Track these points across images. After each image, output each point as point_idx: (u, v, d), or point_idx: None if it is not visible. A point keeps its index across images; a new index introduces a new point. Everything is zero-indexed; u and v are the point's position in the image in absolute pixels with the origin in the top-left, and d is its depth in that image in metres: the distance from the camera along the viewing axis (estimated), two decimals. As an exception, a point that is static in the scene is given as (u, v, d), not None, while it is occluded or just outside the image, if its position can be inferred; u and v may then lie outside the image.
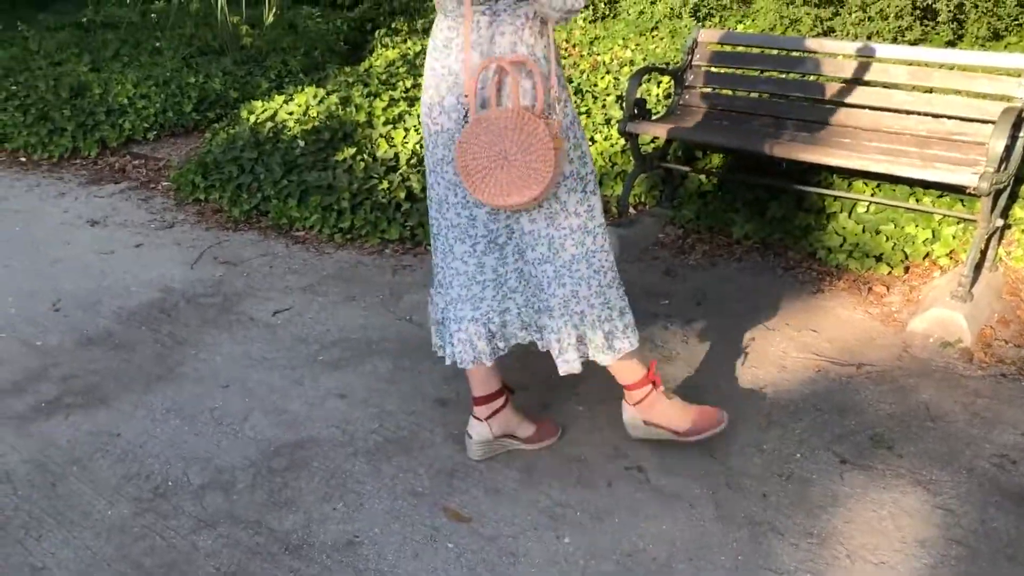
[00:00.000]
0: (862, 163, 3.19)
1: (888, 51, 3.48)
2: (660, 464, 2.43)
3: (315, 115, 4.98)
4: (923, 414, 2.62)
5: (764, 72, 3.96)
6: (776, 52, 3.91)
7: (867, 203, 3.66)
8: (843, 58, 3.62)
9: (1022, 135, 3.09)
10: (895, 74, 3.48)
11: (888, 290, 3.38)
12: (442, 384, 2.89)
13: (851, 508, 2.25)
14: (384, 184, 4.20)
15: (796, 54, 3.81)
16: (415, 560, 2.13)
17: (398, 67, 6.08)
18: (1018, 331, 3.04)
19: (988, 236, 3.24)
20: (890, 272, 3.47)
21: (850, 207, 3.70)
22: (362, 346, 3.16)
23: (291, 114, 5.05)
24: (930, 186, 3.62)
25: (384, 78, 5.72)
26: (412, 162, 4.37)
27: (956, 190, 3.48)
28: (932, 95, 3.38)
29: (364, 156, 4.45)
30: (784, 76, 3.85)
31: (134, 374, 3.03)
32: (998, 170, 2.95)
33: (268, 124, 4.92)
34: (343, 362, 3.06)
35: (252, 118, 5.08)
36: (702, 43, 3.96)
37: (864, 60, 3.57)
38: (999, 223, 3.22)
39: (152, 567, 2.14)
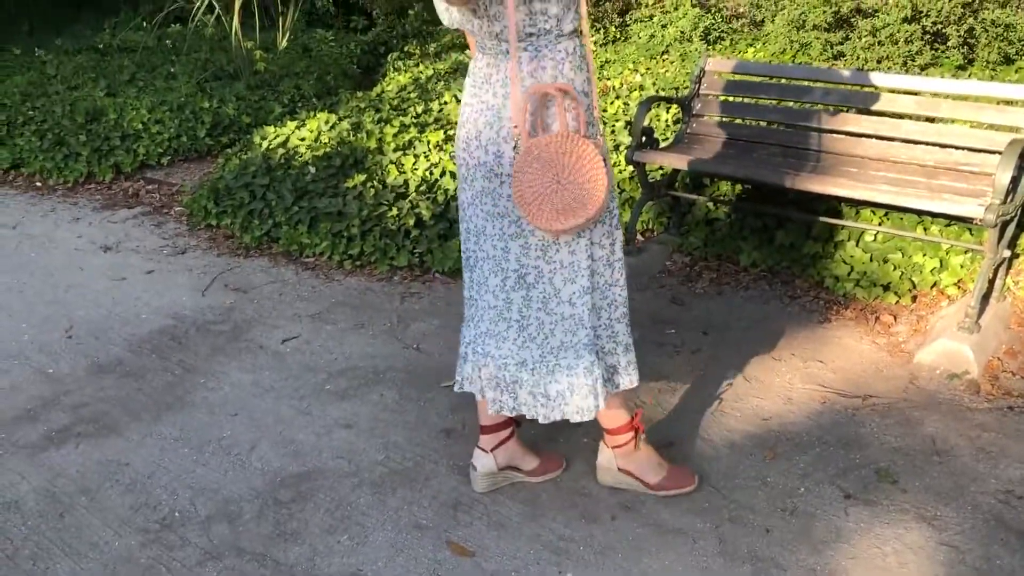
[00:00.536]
0: (869, 194, 3.20)
1: (896, 81, 3.49)
2: (663, 498, 2.43)
3: (326, 141, 5.03)
4: (929, 448, 2.62)
5: (771, 100, 3.97)
6: (783, 81, 3.92)
7: (875, 232, 3.66)
8: (850, 87, 3.62)
9: (1029, 166, 3.09)
10: (903, 104, 3.48)
11: (895, 320, 3.38)
12: (448, 414, 2.91)
13: (855, 544, 2.24)
14: (393, 211, 4.23)
15: (804, 83, 3.82)
16: (418, 595, 2.14)
17: (409, 92, 6.13)
18: (1026, 363, 3.03)
19: (995, 266, 3.23)
20: (898, 301, 3.47)
21: (858, 235, 3.70)
22: (369, 375, 3.18)
23: (303, 140, 5.10)
24: (938, 215, 3.61)
25: (396, 103, 5.77)
26: (421, 189, 4.41)
27: (964, 220, 3.48)
28: (940, 125, 3.39)
29: (374, 183, 4.48)
30: (791, 105, 3.87)
31: (144, 402, 3.06)
32: (1004, 201, 2.95)
33: (280, 150, 4.97)
34: (350, 391, 3.08)
35: (264, 144, 5.14)
36: (709, 72, 3.98)
37: (871, 90, 3.58)
38: (1006, 254, 3.22)
39: (157, 600, 2.16)
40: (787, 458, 2.60)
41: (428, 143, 4.89)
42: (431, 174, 4.56)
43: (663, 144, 4.10)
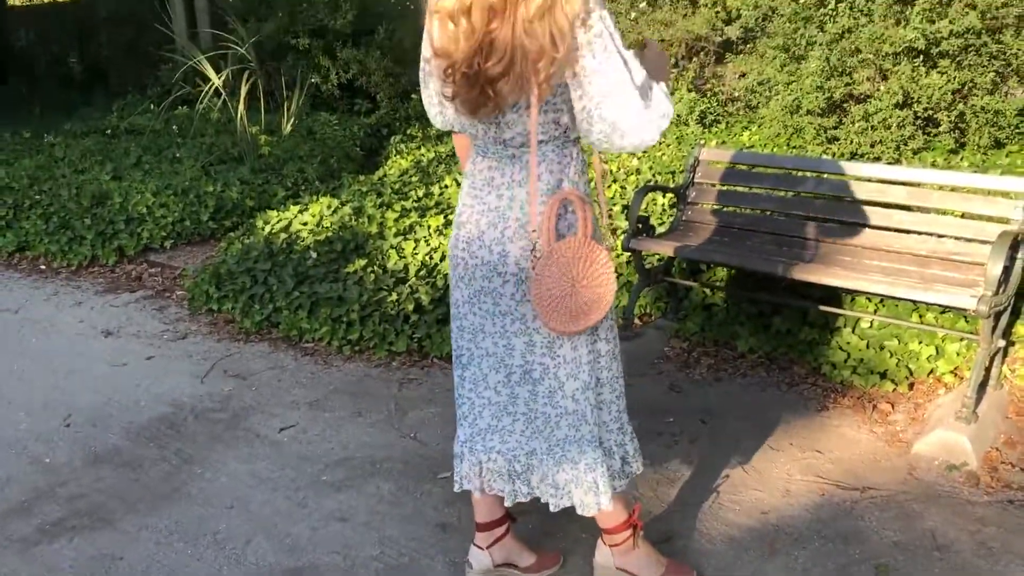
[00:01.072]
0: (863, 284, 3.23)
1: (886, 172, 3.56)
2: (662, 596, 2.41)
3: (328, 225, 5.10)
4: (929, 543, 2.59)
5: (765, 189, 4.03)
6: (776, 170, 3.99)
7: (871, 319, 3.68)
8: (843, 177, 3.69)
9: (1020, 256, 3.13)
10: (894, 194, 3.54)
11: (893, 408, 3.38)
12: (444, 507, 2.89)
13: (855, 646, 2.21)
14: (393, 296, 4.27)
15: (796, 172, 3.89)
16: None
17: (411, 176, 6.23)
18: (1025, 453, 3.02)
19: (991, 355, 3.24)
20: (895, 389, 3.47)
21: (854, 322, 3.72)
22: (366, 465, 3.18)
23: (305, 224, 5.17)
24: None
25: (397, 187, 5.87)
26: (421, 274, 4.45)
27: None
28: (931, 215, 3.44)
29: (374, 267, 4.53)
30: (784, 194, 3.93)
31: (140, 494, 3.05)
32: (996, 293, 2.98)
33: (282, 235, 5.04)
34: (347, 483, 3.07)
35: (267, 228, 5.21)
36: (704, 161, 4.05)
37: (863, 180, 3.64)
38: (1001, 343, 3.24)
39: None
40: (786, 553, 2.58)
41: (428, 227, 4.96)
42: (431, 259, 4.61)
43: (659, 231, 4.16)
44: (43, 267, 5.44)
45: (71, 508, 2.97)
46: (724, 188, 4.12)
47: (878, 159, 5.61)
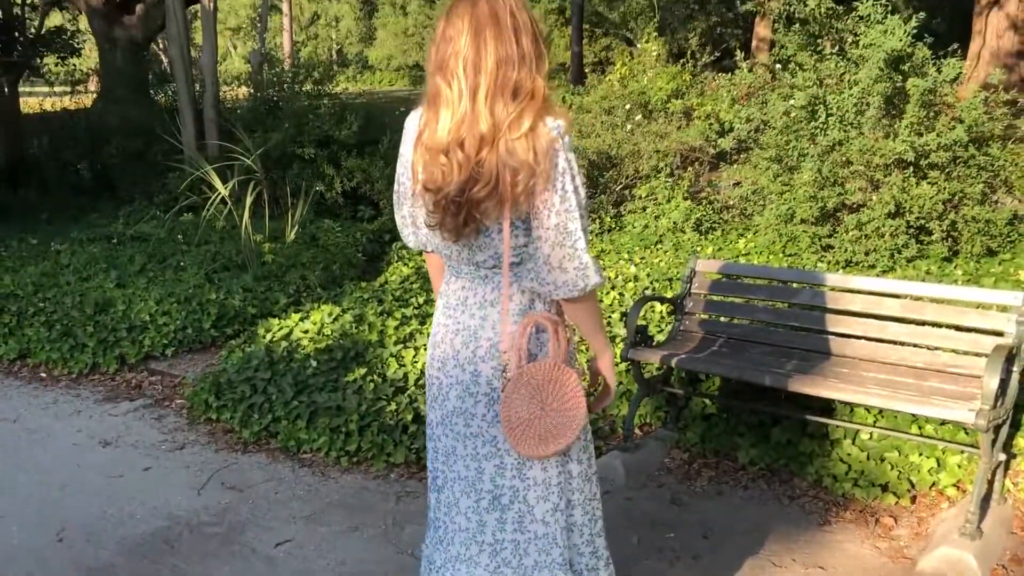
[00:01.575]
0: (860, 397, 3.24)
1: (879, 284, 3.61)
2: None
3: (329, 333, 5.13)
4: (937, 667, 2.53)
5: (761, 301, 4.08)
6: (772, 282, 4.05)
7: (870, 430, 3.67)
8: (836, 289, 3.74)
9: (1016, 369, 3.15)
10: (888, 306, 3.58)
11: (896, 522, 3.34)
12: (442, 628, 2.83)
13: None
14: (392, 406, 4.27)
15: (792, 284, 3.94)
16: None
17: (412, 282, 6.30)
18: (1031, 570, 2.97)
19: (993, 469, 3.23)
20: (897, 502, 3.44)
21: (853, 433, 3.72)
22: (363, 583, 3.13)
23: (306, 332, 5.21)
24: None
25: (398, 294, 5.92)
26: (421, 383, 4.46)
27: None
28: (925, 327, 3.48)
29: (374, 376, 4.54)
30: (780, 305, 3.98)
31: (131, 613, 2.99)
32: (994, 406, 2.98)
33: (283, 343, 5.07)
34: (343, 601, 3.02)
35: (268, 336, 5.24)
36: (700, 272, 4.11)
37: (857, 292, 3.69)
38: (1001, 457, 3.22)
39: None
40: None
41: (428, 335, 4.99)
42: (430, 368, 4.62)
43: (657, 340, 4.19)
44: (43, 375, 5.45)
45: (61, 628, 2.92)
46: (721, 299, 4.16)
47: (873, 267, 5.68)
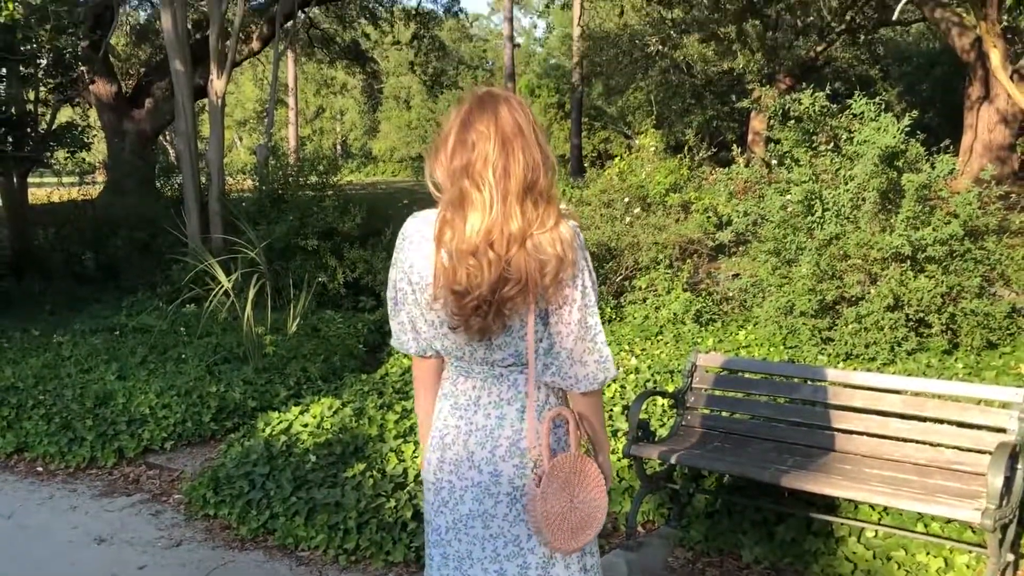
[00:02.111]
0: (864, 495, 3.21)
1: (880, 380, 3.62)
2: None
3: (329, 427, 5.11)
4: None
5: (763, 396, 4.08)
6: (774, 377, 4.05)
7: (875, 528, 3.63)
8: (837, 385, 3.74)
9: (1020, 467, 3.13)
10: (890, 402, 3.58)
11: (906, 625, 3.27)
12: None
13: None
14: (391, 502, 4.22)
15: (793, 379, 3.95)
16: None
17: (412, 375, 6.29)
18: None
19: (1002, 570, 3.18)
20: (906, 604, 3.38)
21: (858, 531, 3.67)
22: None
23: (305, 426, 5.18)
24: (937, 512, 3.60)
25: (399, 386, 5.91)
26: (421, 479, 4.42)
27: (963, 517, 3.46)
28: (927, 424, 3.47)
29: (373, 472, 4.51)
30: (782, 400, 3.97)
31: None
32: (1000, 505, 2.96)
33: (282, 437, 5.04)
34: None
35: (267, 430, 5.21)
36: (701, 366, 4.12)
37: (858, 388, 3.69)
38: (1010, 558, 3.18)
39: None
40: None
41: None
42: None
43: (659, 434, 4.17)
44: (40, 469, 5.41)
45: None
46: (722, 393, 4.16)
47: (873, 360, 5.69)
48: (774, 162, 6.86)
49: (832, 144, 6.44)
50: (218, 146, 10.05)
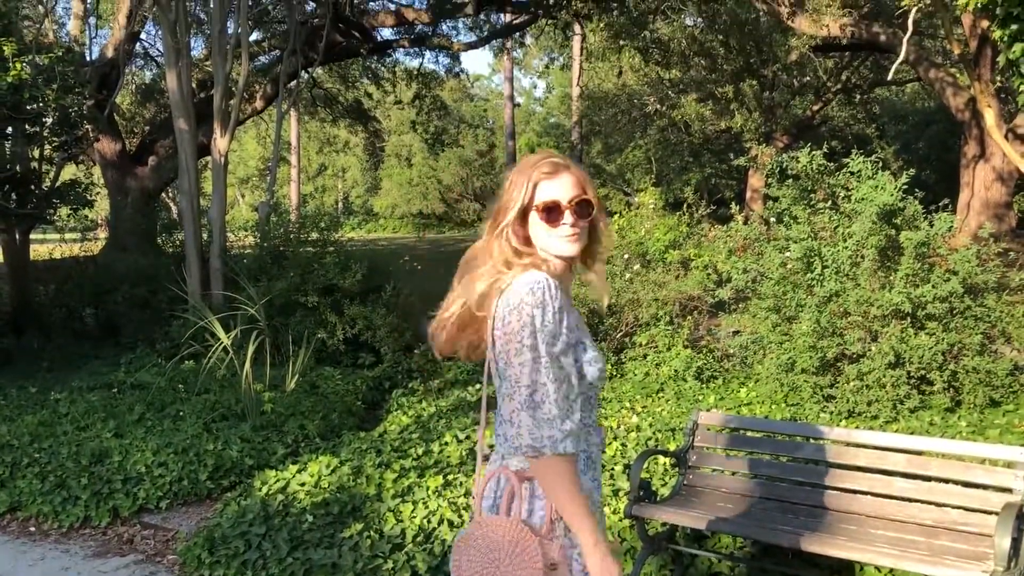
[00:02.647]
0: (869, 556, 3.17)
1: (884, 439, 3.58)
2: None
3: (326, 486, 5.05)
4: None
5: (765, 455, 4.03)
6: (775, 435, 4.01)
7: (882, 591, 3.57)
8: (841, 444, 3.70)
9: (1028, 528, 3.08)
10: (894, 460, 3.54)
11: None
12: None
13: None
14: (389, 564, 4.15)
15: (796, 438, 3.91)
16: None
17: (411, 432, 6.25)
18: None
19: (1012, 634, 3.11)
20: (915, 670, 3.29)
21: (865, 594, 3.60)
22: None
23: (303, 485, 5.12)
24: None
25: (397, 444, 5.86)
26: (418, 539, 4.36)
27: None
28: (932, 483, 3.42)
29: (371, 532, 4.44)
30: (784, 460, 3.93)
31: None
32: (1008, 567, 2.90)
33: (279, 496, 4.98)
34: None
35: (264, 489, 5.15)
36: (702, 425, 4.09)
37: (861, 447, 3.66)
38: (1021, 621, 3.11)
39: None
40: None
41: (427, 488, 4.91)
42: (429, 522, 4.53)
43: (661, 496, 4.12)
44: (33, 528, 5.33)
45: None
46: (724, 452, 4.12)
47: (875, 418, 5.65)
48: (773, 219, 6.89)
49: (830, 202, 6.48)
50: (220, 203, 10.11)
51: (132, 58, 17.14)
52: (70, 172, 14.32)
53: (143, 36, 17.53)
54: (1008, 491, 3.20)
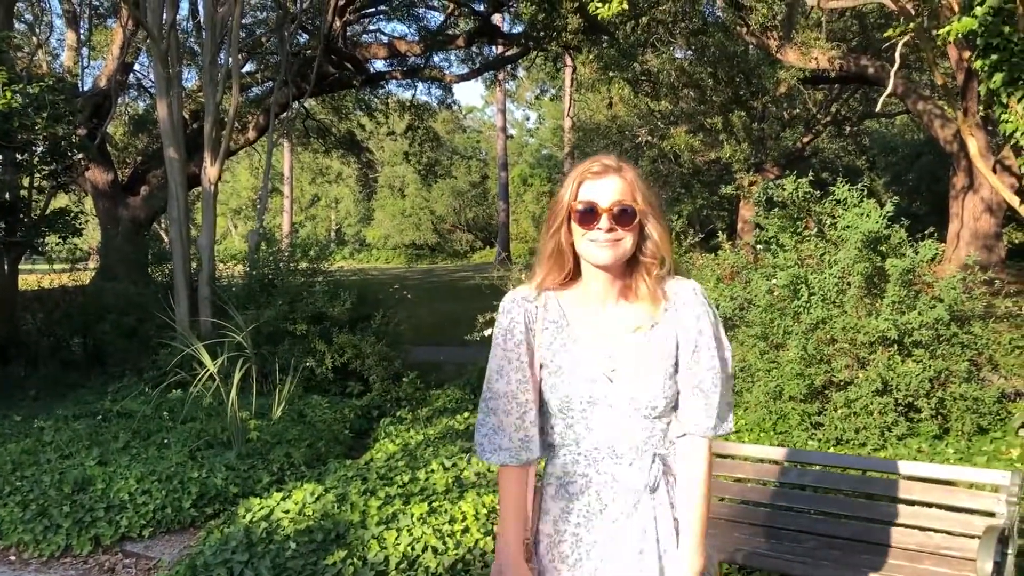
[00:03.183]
0: (853, 581, 3.14)
1: (866, 463, 3.57)
2: None
3: (310, 513, 5.00)
4: None
5: (750, 480, 4.01)
6: (759, 461, 4.00)
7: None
8: (824, 468, 3.69)
9: (1010, 552, 3.07)
10: (879, 485, 3.53)
11: None
12: None
13: None
14: (372, 592, 4.11)
15: (780, 463, 3.89)
16: None
17: (398, 460, 6.20)
18: None
19: (997, 660, 3.08)
20: None
21: (851, 621, 3.57)
22: None
23: (287, 512, 5.07)
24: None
25: (383, 471, 5.81)
26: (402, 566, 4.31)
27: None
28: (915, 508, 3.41)
29: (354, 559, 4.40)
30: (768, 485, 3.91)
31: None
32: (991, 592, 2.88)
33: (263, 524, 4.93)
34: None
35: (248, 516, 5.10)
36: (687, 450, 4.06)
37: (843, 471, 3.64)
38: (1005, 647, 3.09)
39: None
40: None
41: (412, 516, 4.87)
42: (412, 549, 4.49)
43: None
44: (13, 558, 5.26)
45: None
46: (708, 478, 4.10)
47: (863, 445, 5.63)
48: (760, 247, 6.92)
49: (816, 229, 6.51)
50: (209, 231, 10.10)
51: (126, 88, 17.24)
52: (62, 202, 14.34)
53: (137, 67, 17.65)
54: (991, 515, 3.19)
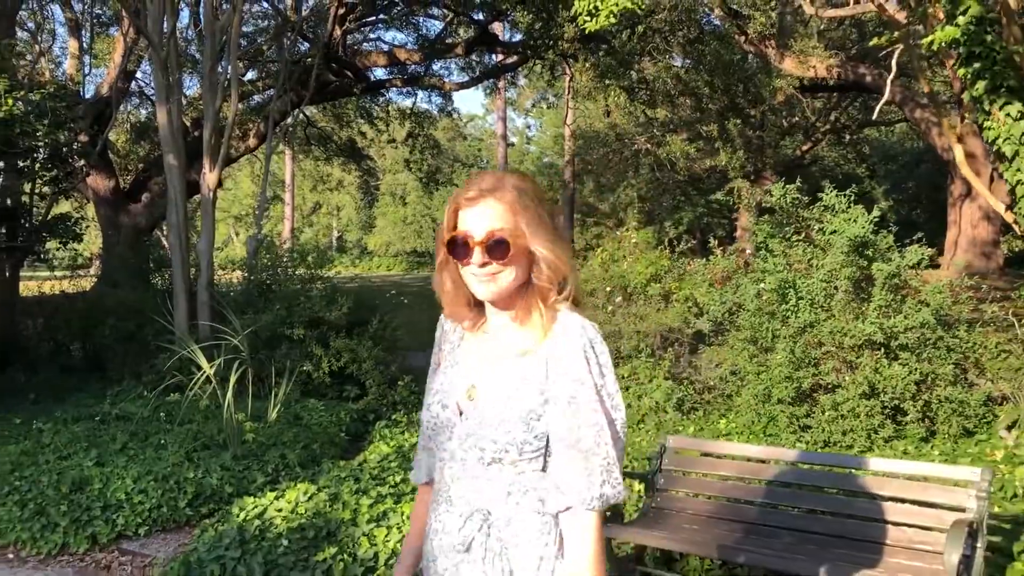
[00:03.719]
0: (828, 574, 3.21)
1: (845, 461, 3.65)
2: None
3: (303, 512, 5.08)
4: None
5: (732, 478, 4.09)
6: (742, 459, 4.08)
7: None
8: (804, 466, 3.77)
9: (980, 545, 3.14)
10: (855, 482, 3.60)
11: None
12: None
13: None
14: (361, 587, 4.18)
15: (762, 462, 3.98)
16: None
17: (391, 461, 6.28)
18: None
19: (967, 651, 3.15)
20: None
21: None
22: None
23: (280, 511, 5.16)
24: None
25: (376, 472, 5.89)
26: (391, 563, 4.39)
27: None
28: (891, 503, 3.49)
29: (344, 556, 4.48)
30: (750, 483, 3.99)
31: None
32: (960, 584, 2.96)
33: (256, 522, 5.01)
34: None
35: (242, 515, 5.18)
36: (671, 448, 4.15)
37: (824, 468, 3.72)
38: (975, 639, 3.16)
39: None
40: None
41: (402, 514, 4.95)
42: (401, 546, 4.56)
43: (629, 518, 4.16)
44: (11, 555, 5.34)
45: None
46: (692, 475, 4.18)
47: (850, 447, 5.71)
48: (748, 251, 7.01)
49: (804, 235, 6.59)
50: (208, 237, 10.20)
51: (128, 96, 17.36)
52: (64, 208, 14.46)
53: (139, 75, 17.77)
54: (961, 510, 3.27)
